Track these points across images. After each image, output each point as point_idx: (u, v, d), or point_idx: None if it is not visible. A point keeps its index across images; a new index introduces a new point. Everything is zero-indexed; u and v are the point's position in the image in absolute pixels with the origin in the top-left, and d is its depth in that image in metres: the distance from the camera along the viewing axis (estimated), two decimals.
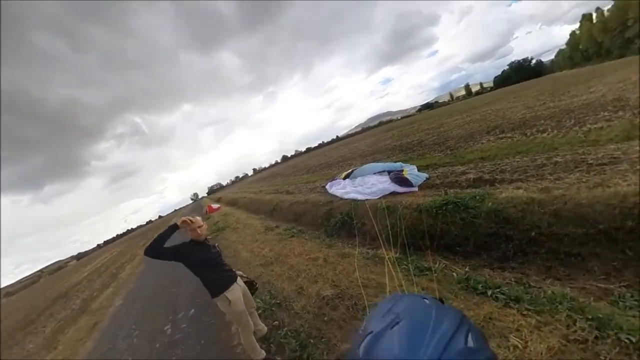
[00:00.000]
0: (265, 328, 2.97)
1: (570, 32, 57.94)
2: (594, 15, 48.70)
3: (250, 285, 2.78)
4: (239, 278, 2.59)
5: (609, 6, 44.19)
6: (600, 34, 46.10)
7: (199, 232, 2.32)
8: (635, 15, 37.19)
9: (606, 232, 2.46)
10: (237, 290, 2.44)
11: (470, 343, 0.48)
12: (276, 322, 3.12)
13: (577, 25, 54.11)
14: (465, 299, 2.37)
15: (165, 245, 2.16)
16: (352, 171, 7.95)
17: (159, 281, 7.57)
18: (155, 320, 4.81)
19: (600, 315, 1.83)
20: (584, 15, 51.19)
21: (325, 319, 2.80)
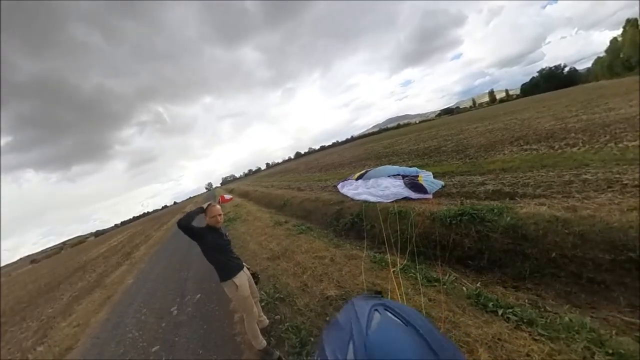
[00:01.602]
0: (267, 321, 3.04)
1: (611, 38, 53.63)
2: None
3: (253, 276, 2.88)
4: (245, 267, 2.72)
5: None
6: None
7: (218, 219, 2.55)
8: None
9: (637, 261, 2.28)
10: (243, 277, 2.57)
11: None
12: (278, 316, 3.15)
13: (620, 31, 49.91)
14: (474, 316, 2.27)
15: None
16: (366, 172, 7.86)
17: (170, 264, 7.90)
18: (163, 300, 5.04)
19: (622, 351, 1.69)
20: (628, 20, 46.95)
21: (327, 318, 2.80)
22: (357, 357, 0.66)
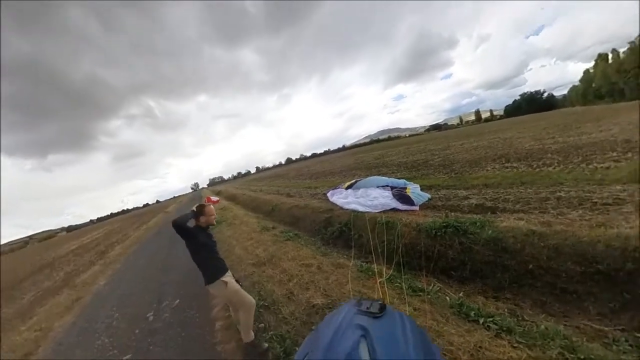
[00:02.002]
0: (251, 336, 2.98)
1: (584, 69, 58.55)
2: (610, 55, 49.32)
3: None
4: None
5: (625, 48, 44.87)
6: (614, 74, 46.63)
7: (212, 219, 2.60)
8: None
9: (605, 273, 2.43)
10: (230, 276, 2.62)
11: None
12: (262, 324, 3.08)
13: (592, 63, 54.71)
14: (457, 325, 2.33)
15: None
16: (356, 182, 7.98)
17: (148, 266, 7.48)
18: (138, 305, 4.74)
19: (593, 357, 1.79)
20: (599, 55, 51.83)
21: (313, 327, 2.77)
22: None
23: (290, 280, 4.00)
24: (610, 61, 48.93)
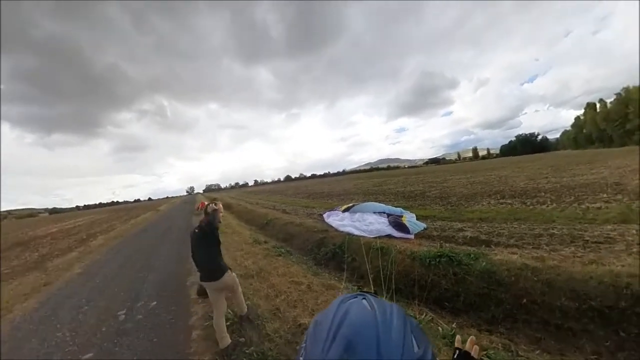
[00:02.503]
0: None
1: (575, 116, 62.17)
2: (598, 105, 52.84)
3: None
4: None
5: (612, 99, 48.31)
6: (602, 122, 49.53)
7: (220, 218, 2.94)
8: (635, 110, 40.41)
9: (599, 310, 2.39)
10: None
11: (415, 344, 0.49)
12: (243, 338, 2.90)
13: (582, 111, 58.32)
14: (449, 356, 2.23)
15: (192, 229, 2.87)
16: (353, 206, 7.99)
17: (129, 262, 7.04)
18: (111, 301, 4.40)
19: None
20: (588, 104, 55.61)
21: (297, 347, 2.60)
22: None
23: (278, 296, 3.84)
24: (598, 110, 52.22)
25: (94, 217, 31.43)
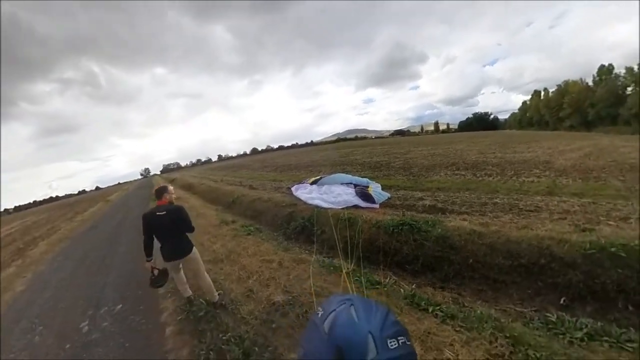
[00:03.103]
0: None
1: (523, 101, 69.62)
2: (542, 93, 59.74)
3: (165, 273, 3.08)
4: None
5: (553, 89, 55.21)
6: (543, 108, 56.68)
7: (173, 197, 3.15)
8: (569, 101, 47.22)
9: (526, 266, 2.90)
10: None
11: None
12: (220, 326, 2.87)
13: (529, 97, 65.55)
14: (410, 314, 2.54)
15: (146, 212, 2.91)
16: (321, 178, 8.07)
17: (82, 266, 6.44)
18: (69, 314, 4.01)
19: (515, 334, 2.14)
20: (535, 91, 62.63)
21: (274, 326, 2.68)
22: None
23: (250, 277, 3.86)
24: (542, 97, 59.07)
25: (31, 218, 26.22)
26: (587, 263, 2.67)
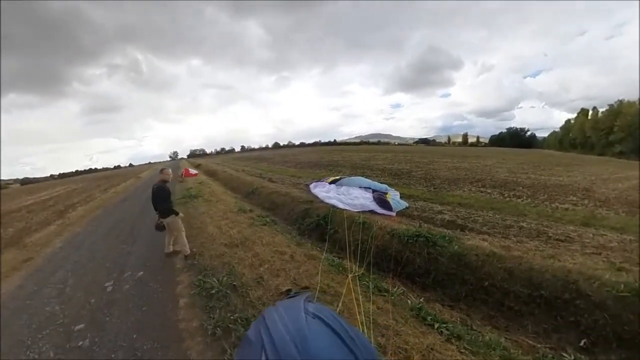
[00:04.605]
0: (188, 250, 4.45)
1: (566, 119, 63.71)
2: (590, 112, 54.20)
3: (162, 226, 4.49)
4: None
5: (604, 109, 49.57)
6: (590, 129, 51.35)
7: (167, 178, 4.46)
8: (622, 124, 42.00)
9: (546, 298, 2.73)
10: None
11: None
12: (230, 306, 3.02)
13: (574, 115, 59.77)
14: (414, 327, 2.51)
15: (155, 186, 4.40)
16: (340, 179, 8.08)
17: (112, 233, 7.03)
18: (97, 273, 4.42)
19: None
20: (582, 109, 56.97)
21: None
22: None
23: (262, 265, 3.99)
24: (589, 117, 53.64)
25: (71, 186, 29.00)
26: (617, 306, 2.46)
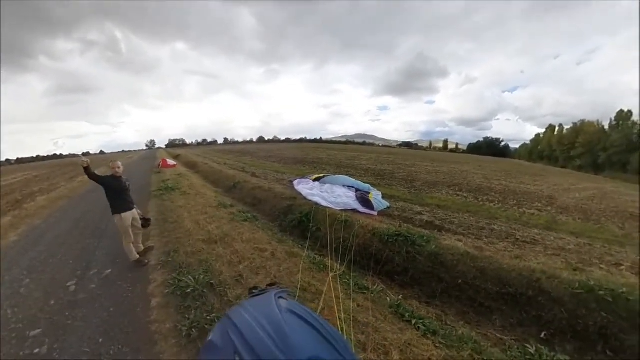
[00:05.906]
0: (142, 247, 4.19)
1: (536, 133, 69.53)
2: (557, 128, 59.83)
3: (146, 221, 4.27)
4: (135, 209, 4.06)
5: (569, 126, 55.09)
6: (555, 144, 56.69)
7: (118, 171, 3.97)
8: (582, 141, 46.82)
9: (513, 295, 2.93)
10: (129, 214, 3.90)
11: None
12: (205, 305, 2.89)
13: (543, 130, 65.57)
14: (393, 323, 2.58)
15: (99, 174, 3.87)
16: (324, 176, 8.10)
17: (78, 226, 6.44)
18: (58, 271, 4.00)
19: (493, 359, 2.17)
20: (550, 125, 62.81)
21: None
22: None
23: (241, 262, 3.86)
24: (555, 133, 59.02)
25: (33, 173, 25.63)
26: (573, 302, 2.70)
